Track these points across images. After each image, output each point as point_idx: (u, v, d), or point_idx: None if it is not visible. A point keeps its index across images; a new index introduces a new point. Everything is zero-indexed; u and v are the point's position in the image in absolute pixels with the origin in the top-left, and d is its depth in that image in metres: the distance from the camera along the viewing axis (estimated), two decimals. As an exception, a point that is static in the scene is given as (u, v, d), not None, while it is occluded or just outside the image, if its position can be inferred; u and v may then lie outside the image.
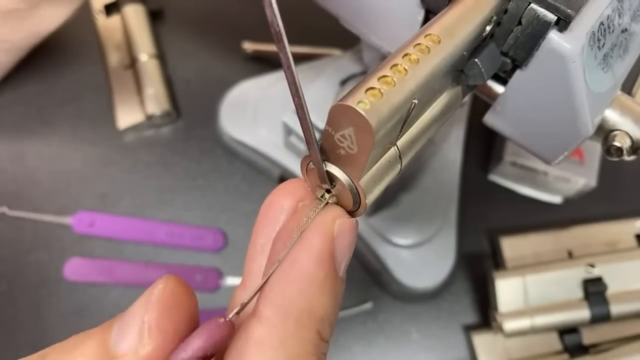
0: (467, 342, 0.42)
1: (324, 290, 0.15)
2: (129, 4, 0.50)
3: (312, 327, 0.15)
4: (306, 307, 0.15)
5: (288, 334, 0.15)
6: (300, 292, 0.15)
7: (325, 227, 0.16)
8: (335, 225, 0.16)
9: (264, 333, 0.15)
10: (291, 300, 0.15)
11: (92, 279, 0.41)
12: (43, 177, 0.45)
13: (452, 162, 0.45)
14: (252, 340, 0.15)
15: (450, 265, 0.42)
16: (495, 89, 0.23)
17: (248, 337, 0.15)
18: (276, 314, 0.15)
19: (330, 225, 0.16)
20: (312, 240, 0.15)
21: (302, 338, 0.15)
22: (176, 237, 0.43)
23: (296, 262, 0.15)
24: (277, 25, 0.13)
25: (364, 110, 0.14)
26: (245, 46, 0.50)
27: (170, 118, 0.47)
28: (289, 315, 0.15)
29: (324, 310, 0.15)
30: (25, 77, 0.48)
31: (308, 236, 0.16)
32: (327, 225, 0.16)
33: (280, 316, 0.15)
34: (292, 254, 0.15)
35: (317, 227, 0.16)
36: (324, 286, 0.15)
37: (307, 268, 0.15)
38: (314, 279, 0.15)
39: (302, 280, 0.15)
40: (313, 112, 0.15)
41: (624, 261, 0.40)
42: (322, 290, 0.15)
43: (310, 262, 0.15)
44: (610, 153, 0.23)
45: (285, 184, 0.18)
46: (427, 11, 0.23)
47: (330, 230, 0.16)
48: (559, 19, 0.19)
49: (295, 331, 0.15)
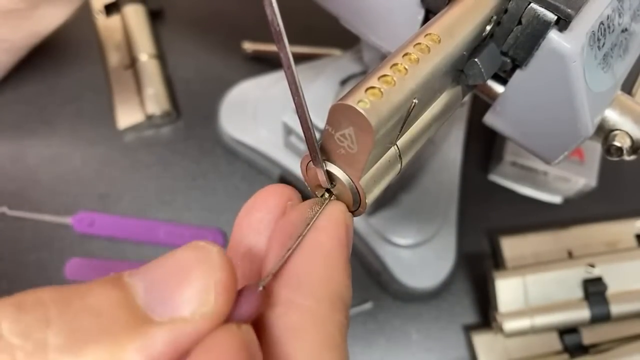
0: (467, 342, 0.42)
1: (347, 272, 0.16)
2: (129, 4, 0.50)
3: (343, 308, 0.15)
4: (336, 289, 0.15)
5: (324, 316, 0.15)
6: (330, 276, 0.15)
7: (341, 215, 0.16)
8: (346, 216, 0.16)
9: (300, 319, 0.14)
10: (321, 283, 0.15)
11: (92, 279, 0.41)
12: (43, 177, 0.45)
13: (452, 162, 0.45)
14: (288, 327, 0.14)
15: (450, 265, 0.42)
16: (495, 88, 0.23)
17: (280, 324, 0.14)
18: (309, 298, 0.15)
19: (344, 214, 0.16)
20: (331, 227, 0.16)
21: (336, 320, 0.15)
22: (176, 237, 0.43)
23: (320, 246, 0.15)
24: (277, 25, 0.13)
25: (364, 109, 0.14)
26: (245, 46, 0.50)
27: (170, 118, 0.47)
28: (323, 299, 0.15)
29: (349, 295, 0.16)
30: (25, 77, 0.48)
31: (325, 225, 0.16)
32: (342, 213, 0.16)
33: (314, 300, 0.15)
34: (314, 241, 0.15)
35: (332, 215, 0.16)
36: (347, 269, 0.16)
37: (333, 253, 0.15)
38: (339, 261, 0.15)
39: (330, 265, 0.15)
40: (313, 111, 0.15)
41: (624, 261, 0.40)
42: (346, 272, 0.16)
43: (335, 247, 0.15)
44: (610, 153, 0.23)
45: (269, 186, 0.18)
46: (427, 11, 0.23)
47: (345, 218, 0.16)
48: (559, 18, 0.19)
49: (330, 313, 0.15)
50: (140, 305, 0.13)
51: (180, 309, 0.13)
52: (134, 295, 0.13)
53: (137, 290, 0.13)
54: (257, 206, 0.18)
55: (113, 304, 0.12)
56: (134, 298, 0.13)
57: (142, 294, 0.13)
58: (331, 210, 0.16)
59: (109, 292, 0.13)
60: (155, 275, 0.13)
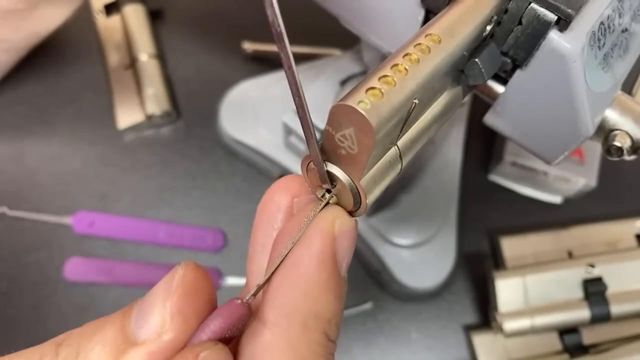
0: (467, 342, 0.42)
1: (328, 291, 0.15)
2: (129, 4, 0.50)
3: (318, 329, 0.15)
4: (311, 309, 0.15)
5: (295, 337, 0.15)
6: (305, 295, 0.15)
7: (326, 227, 0.16)
8: (336, 226, 0.16)
9: (271, 338, 0.15)
10: (295, 303, 0.15)
11: (92, 279, 0.41)
12: (43, 177, 0.45)
13: (452, 162, 0.45)
14: (260, 346, 0.15)
15: (450, 265, 0.42)
16: (495, 88, 0.23)
17: (256, 342, 0.15)
18: (281, 318, 0.15)
19: (330, 226, 0.16)
20: (313, 242, 0.15)
21: (309, 340, 0.15)
22: (176, 237, 0.43)
23: (298, 265, 0.15)
24: (278, 25, 0.13)
25: (364, 110, 0.14)
26: (245, 46, 0.50)
27: (170, 118, 0.47)
28: (295, 319, 0.15)
29: (329, 311, 0.15)
30: (25, 77, 0.48)
31: (309, 237, 0.15)
32: (328, 225, 0.16)
33: (286, 320, 0.15)
34: (294, 256, 0.15)
35: (317, 228, 0.16)
36: (328, 287, 0.15)
37: (310, 270, 0.15)
38: (317, 280, 0.15)
39: (305, 283, 0.15)
40: (313, 112, 0.15)
41: (624, 261, 0.40)
42: (326, 291, 0.15)
43: (312, 264, 0.15)
44: (611, 153, 0.23)
45: (279, 181, 0.18)
46: (427, 11, 0.23)
47: (330, 231, 0.16)
48: (559, 18, 0.19)
49: (301, 334, 0.15)
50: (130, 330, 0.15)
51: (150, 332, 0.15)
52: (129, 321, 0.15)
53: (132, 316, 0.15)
54: (267, 204, 0.18)
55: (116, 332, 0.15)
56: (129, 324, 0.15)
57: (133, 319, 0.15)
58: (320, 221, 0.16)
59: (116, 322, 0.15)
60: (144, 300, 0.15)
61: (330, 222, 0.16)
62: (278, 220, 0.17)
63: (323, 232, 0.16)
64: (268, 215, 0.18)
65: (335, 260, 0.16)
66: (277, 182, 0.18)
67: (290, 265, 0.15)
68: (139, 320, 0.15)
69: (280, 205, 0.18)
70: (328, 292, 0.15)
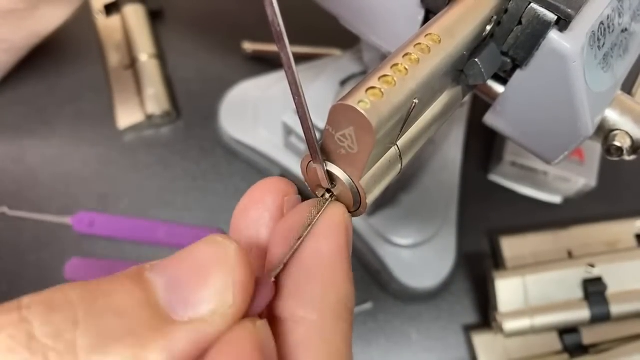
0: (467, 342, 0.42)
1: (349, 277, 0.15)
2: (129, 4, 0.50)
3: (347, 317, 0.15)
4: (340, 298, 0.15)
5: (329, 329, 0.15)
6: (332, 285, 0.15)
7: (341, 220, 0.16)
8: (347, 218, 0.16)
9: (306, 334, 0.14)
10: (324, 295, 0.15)
11: (92, 279, 0.41)
12: (43, 177, 0.45)
13: (452, 162, 0.45)
14: (297, 343, 0.14)
15: (450, 265, 0.42)
16: (495, 88, 0.23)
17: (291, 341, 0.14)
18: (313, 312, 0.15)
19: (344, 217, 0.16)
20: (331, 232, 0.15)
21: (340, 330, 0.15)
22: (176, 237, 0.43)
23: (320, 257, 0.15)
24: (278, 25, 0.13)
25: (364, 109, 0.14)
26: (245, 46, 0.50)
27: (170, 118, 0.47)
28: (327, 311, 0.15)
29: (352, 299, 0.15)
30: (25, 77, 0.48)
31: (325, 229, 0.15)
32: (342, 218, 0.16)
33: (318, 314, 0.15)
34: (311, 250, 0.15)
35: (332, 220, 0.16)
36: (349, 275, 0.15)
37: (333, 259, 0.15)
38: (341, 268, 0.15)
39: (330, 273, 0.15)
40: (313, 112, 0.15)
41: (624, 261, 0.40)
42: (348, 278, 0.15)
43: (334, 253, 0.15)
44: (611, 153, 0.23)
45: (265, 182, 0.18)
46: (427, 11, 0.23)
47: (344, 222, 0.16)
48: (559, 18, 0.19)
49: (334, 325, 0.15)
50: (161, 304, 0.13)
51: (200, 309, 0.13)
52: (155, 293, 0.13)
53: (158, 288, 0.13)
54: (252, 204, 0.17)
55: (136, 303, 0.13)
56: (155, 297, 0.13)
57: (163, 292, 0.13)
58: (330, 214, 0.16)
59: (132, 291, 0.13)
60: (176, 272, 0.14)
61: (343, 214, 0.16)
62: (266, 220, 0.17)
63: (340, 225, 0.16)
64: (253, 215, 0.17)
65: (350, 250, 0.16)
66: (263, 182, 0.18)
67: (310, 259, 0.15)
68: (177, 294, 0.13)
69: (268, 206, 0.17)
70: (349, 280, 0.15)
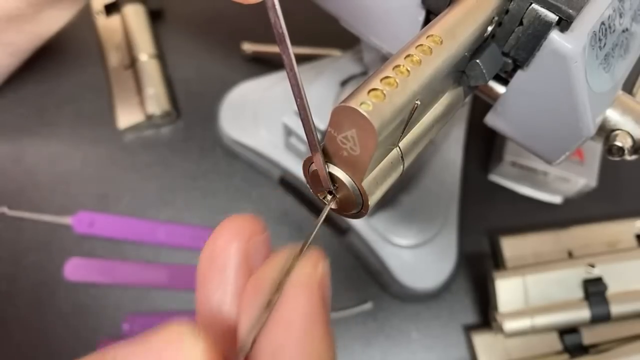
0: (467, 342, 0.42)
1: (327, 334, 0.14)
2: (129, 4, 0.50)
3: None
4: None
5: None
6: (308, 349, 0.14)
7: (312, 275, 0.15)
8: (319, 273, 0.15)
9: None
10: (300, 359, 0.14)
11: (92, 279, 0.41)
12: (43, 177, 0.44)
13: (452, 162, 0.45)
14: None
15: (451, 265, 0.42)
16: (496, 89, 0.23)
17: None
18: None
19: (315, 274, 0.15)
20: (305, 292, 0.14)
21: None
22: (176, 237, 0.43)
23: (294, 318, 0.14)
24: (280, 27, 0.13)
25: (366, 111, 0.14)
26: (244, 47, 0.50)
27: (170, 118, 0.47)
28: None
29: (331, 353, 0.14)
30: (26, 78, 0.47)
31: (295, 293, 0.14)
32: (312, 276, 0.15)
33: None
34: (285, 310, 0.14)
35: (303, 277, 0.14)
36: (326, 331, 0.14)
37: (308, 320, 0.14)
38: (317, 328, 0.14)
39: (306, 336, 0.14)
40: (313, 112, 0.15)
41: (624, 261, 0.40)
42: (326, 336, 0.14)
43: (309, 314, 0.14)
44: (612, 153, 0.23)
45: (226, 222, 0.16)
46: (428, 12, 0.23)
47: (316, 279, 0.15)
48: (560, 19, 0.19)
49: None
50: None
51: None
52: None
53: None
54: (216, 252, 0.16)
55: None
56: None
57: None
58: (301, 271, 0.15)
59: None
60: None
61: (314, 270, 0.15)
62: (232, 269, 0.16)
63: (311, 281, 0.14)
64: (218, 265, 0.16)
65: (326, 308, 0.15)
66: (224, 224, 0.16)
67: (287, 321, 0.14)
68: None
69: (230, 255, 0.16)
70: (327, 338, 0.14)
